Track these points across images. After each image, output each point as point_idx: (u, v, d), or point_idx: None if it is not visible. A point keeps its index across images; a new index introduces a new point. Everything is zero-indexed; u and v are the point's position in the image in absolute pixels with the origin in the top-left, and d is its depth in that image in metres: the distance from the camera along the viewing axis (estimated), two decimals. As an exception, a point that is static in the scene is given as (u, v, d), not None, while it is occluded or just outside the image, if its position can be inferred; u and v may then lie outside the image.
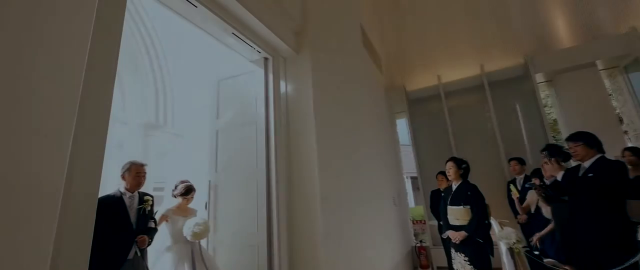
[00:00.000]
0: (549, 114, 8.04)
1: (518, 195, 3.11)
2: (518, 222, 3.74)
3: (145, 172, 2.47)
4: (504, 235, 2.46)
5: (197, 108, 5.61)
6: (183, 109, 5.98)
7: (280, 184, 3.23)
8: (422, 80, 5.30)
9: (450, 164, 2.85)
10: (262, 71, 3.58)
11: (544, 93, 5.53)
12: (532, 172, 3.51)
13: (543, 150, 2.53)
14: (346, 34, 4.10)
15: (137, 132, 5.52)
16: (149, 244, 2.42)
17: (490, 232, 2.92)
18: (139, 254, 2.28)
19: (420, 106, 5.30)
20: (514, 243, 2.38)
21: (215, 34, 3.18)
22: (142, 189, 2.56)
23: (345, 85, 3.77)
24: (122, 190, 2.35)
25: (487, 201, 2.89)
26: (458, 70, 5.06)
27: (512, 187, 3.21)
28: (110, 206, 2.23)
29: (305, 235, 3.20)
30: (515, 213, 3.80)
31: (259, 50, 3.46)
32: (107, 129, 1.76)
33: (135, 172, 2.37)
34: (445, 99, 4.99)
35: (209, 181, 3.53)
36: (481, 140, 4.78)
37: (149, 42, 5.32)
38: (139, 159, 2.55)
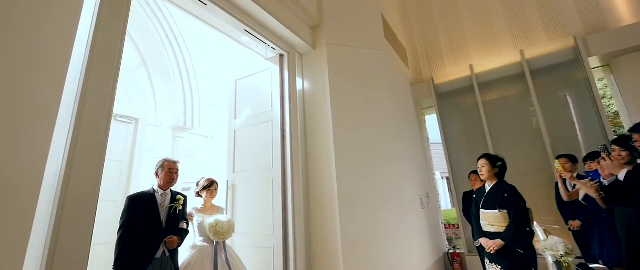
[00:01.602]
0: (608, 105, 7.04)
1: (561, 171, 2.65)
2: (570, 229, 3.25)
3: (177, 169, 2.50)
4: (549, 246, 2.09)
5: (220, 109, 5.72)
6: (209, 111, 6.13)
7: (296, 184, 3.11)
8: (452, 72, 4.86)
9: (482, 162, 2.51)
10: (277, 68, 3.49)
11: (602, 82, 4.82)
12: (587, 156, 3.00)
13: (612, 143, 2.09)
14: (366, 25, 3.88)
15: (167, 134, 5.73)
16: (179, 244, 2.42)
17: (535, 241, 2.54)
18: (167, 253, 2.28)
19: (451, 100, 4.87)
20: (562, 256, 2.00)
21: (229, 32, 3.14)
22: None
23: (366, 80, 3.55)
24: (155, 188, 2.40)
25: (528, 204, 2.50)
26: (493, 58, 4.56)
27: (556, 164, 2.76)
28: (142, 203, 2.28)
29: (323, 238, 3.04)
30: (566, 218, 3.31)
31: (274, 47, 3.37)
32: (108, 131, 1.74)
33: (168, 169, 2.41)
34: (480, 91, 4.53)
35: (227, 181, 3.52)
36: (523, 136, 4.26)
37: (176, 46, 5.51)
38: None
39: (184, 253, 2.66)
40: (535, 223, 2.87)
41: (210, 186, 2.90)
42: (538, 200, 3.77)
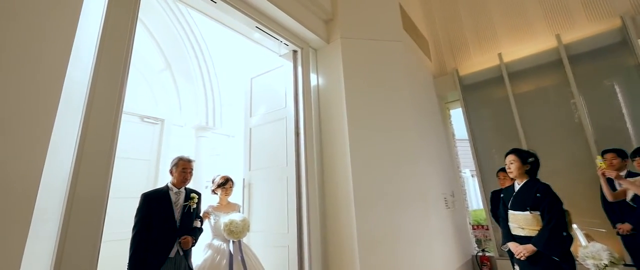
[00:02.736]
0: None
1: (604, 169, 2.34)
2: (618, 233, 2.88)
3: (191, 169, 2.45)
4: (590, 253, 1.83)
5: (241, 108, 5.79)
6: (231, 110, 6.25)
7: (310, 182, 3.03)
8: (479, 62, 4.53)
9: (511, 158, 2.27)
10: (291, 64, 3.44)
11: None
12: (635, 151, 2.62)
13: None
14: (383, 16, 3.71)
15: (191, 134, 5.91)
16: (193, 244, 2.41)
17: (577, 245, 2.27)
18: (181, 252, 2.28)
19: (478, 92, 4.54)
20: (606, 265, 1.74)
21: (240, 29, 3.13)
22: (192, 187, 2.55)
23: (383, 74, 3.40)
24: (170, 185, 2.38)
25: (569, 205, 2.24)
26: (525, 45, 4.17)
27: (598, 160, 2.45)
28: (156, 200, 2.27)
29: (339, 238, 2.94)
30: (614, 221, 2.94)
31: (287, 43, 3.32)
32: (116, 131, 1.75)
33: (181, 168, 2.38)
34: (510, 82, 4.17)
35: (243, 179, 3.53)
36: (562, 130, 3.86)
37: (198, 48, 5.66)
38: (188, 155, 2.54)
39: (200, 252, 2.68)
40: (575, 226, 2.57)
41: (224, 184, 2.89)
42: (580, 201, 3.41)
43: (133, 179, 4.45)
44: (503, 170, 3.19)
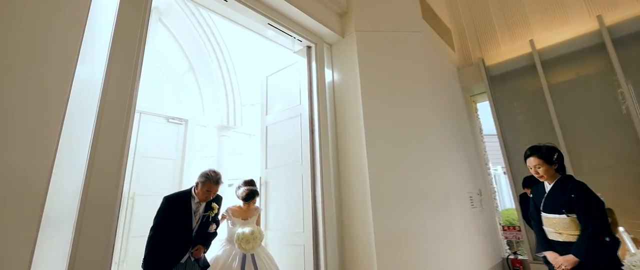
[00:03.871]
0: None
1: None
2: (675, 238, 2.53)
3: (216, 191, 2.39)
4: (637, 262, 1.59)
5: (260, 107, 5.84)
6: (251, 109, 6.33)
7: (325, 180, 2.97)
8: (508, 50, 4.19)
9: (534, 161, 1.98)
10: (305, 61, 3.38)
11: None
12: None
13: None
14: (400, 6, 3.54)
15: (213, 133, 6.06)
16: (205, 251, 2.42)
17: (624, 249, 2.01)
18: (192, 258, 2.30)
19: (507, 83, 4.21)
20: (659, 276, 1.51)
21: (253, 27, 3.12)
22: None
23: (401, 67, 3.25)
24: (193, 193, 2.36)
25: (615, 204, 1.99)
26: (560, 29, 3.78)
27: None
28: (176, 204, 2.28)
29: (355, 238, 2.86)
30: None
31: (300, 39, 3.27)
32: (128, 131, 1.77)
33: (206, 189, 2.32)
34: (544, 70, 3.81)
35: (260, 177, 3.54)
36: (605, 122, 3.46)
37: (218, 50, 5.78)
38: (215, 169, 2.44)
39: (216, 245, 2.70)
40: (621, 229, 2.28)
41: (248, 200, 2.85)
42: (629, 200, 3.07)
43: (159, 178, 4.65)
44: (527, 182, 2.93)
